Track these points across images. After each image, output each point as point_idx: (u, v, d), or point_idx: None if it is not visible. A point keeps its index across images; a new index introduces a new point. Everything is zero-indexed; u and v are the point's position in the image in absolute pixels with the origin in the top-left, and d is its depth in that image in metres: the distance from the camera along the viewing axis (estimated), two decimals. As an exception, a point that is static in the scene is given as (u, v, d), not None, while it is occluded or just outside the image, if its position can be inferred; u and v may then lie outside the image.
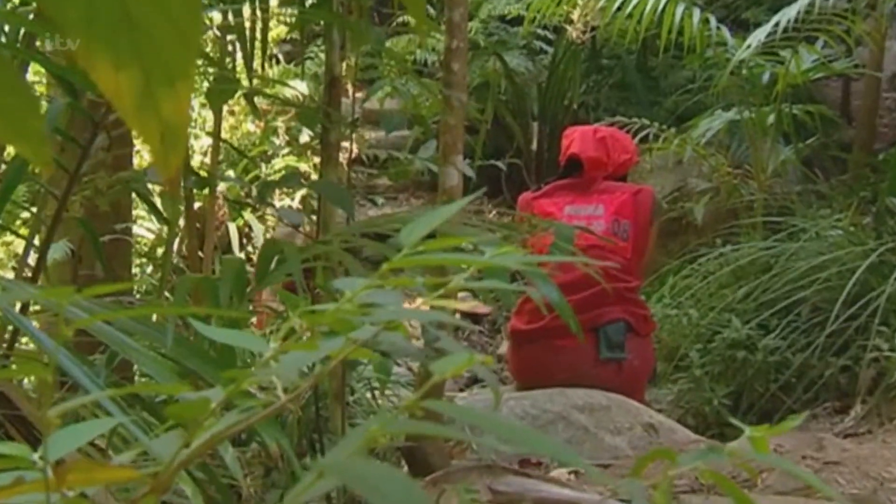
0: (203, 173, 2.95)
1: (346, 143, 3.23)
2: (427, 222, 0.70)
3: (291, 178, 2.66)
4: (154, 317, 1.90)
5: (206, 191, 3.24)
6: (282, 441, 1.31)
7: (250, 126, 7.47)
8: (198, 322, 0.81)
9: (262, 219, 6.78)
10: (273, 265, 1.64)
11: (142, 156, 5.07)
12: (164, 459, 0.68)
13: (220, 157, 6.67)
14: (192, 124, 6.76)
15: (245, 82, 2.87)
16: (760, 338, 4.46)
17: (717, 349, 4.50)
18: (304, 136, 7.55)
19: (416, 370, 4.24)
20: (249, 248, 6.78)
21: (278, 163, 7.25)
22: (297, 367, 0.73)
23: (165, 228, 5.74)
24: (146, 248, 6.21)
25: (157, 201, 3.16)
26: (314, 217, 2.63)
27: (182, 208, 2.77)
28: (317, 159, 4.68)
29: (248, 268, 2.19)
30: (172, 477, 0.67)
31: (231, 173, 6.69)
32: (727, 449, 0.73)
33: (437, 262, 0.68)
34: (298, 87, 7.37)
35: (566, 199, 4.23)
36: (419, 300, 0.83)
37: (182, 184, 2.74)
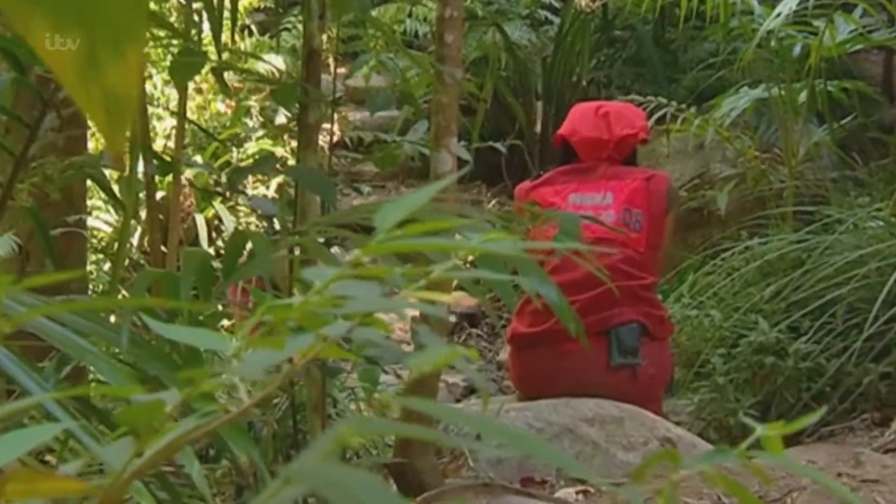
0: (166, 158, 2.95)
1: (326, 125, 3.24)
2: (407, 204, 0.71)
3: (265, 164, 2.66)
4: (113, 318, 1.90)
5: (170, 178, 3.24)
6: (254, 454, 1.31)
7: (220, 106, 7.47)
8: (152, 319, 0.82)
9: (233, 210, 6.78)
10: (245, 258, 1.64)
11: (97, 138, 5.06)
12: (114, 469, 0.68)
13: (186, 140, 6.68)
14: (155, 103, 6.77)
15: (213, 56, 2.87)
16: (791, 342, 4.47)
17: (743, 354, 4.51)
18: (281, 118, 7.56)
19: (406, 378, 4.25)
20: (219, 242, 6.79)
21: (251, 147, 7.25)
22: (261, 366, 0.74)
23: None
24: (104, 243, 6.21)
25: (116, 189, 3.16)
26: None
27: (143, 197, 2.77)
28: (294, 143, 4.68)
29: (219, 264, 2.19)
30: (124, 489, 0.68)
31: (198, 159, 6.69)
32: (739, 450, 0.73)
33: (416, 248, 0.69)
34: (274, 62, 7.38)
35: (570, 187, 4.22)
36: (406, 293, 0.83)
37: (143, 170, 2.75)
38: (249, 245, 1.86)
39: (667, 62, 8.49)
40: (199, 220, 6.71)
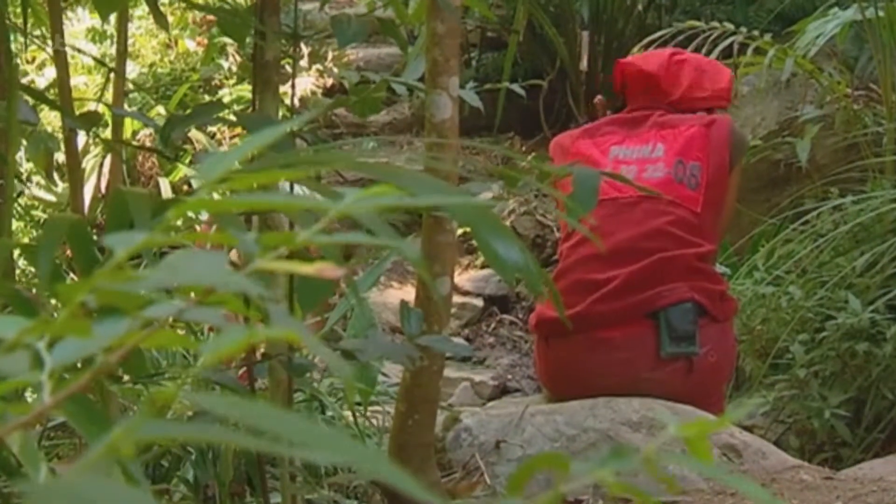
0: (103, 109, 2.95)
1: (318, 66, 3.26)
2: (237, 151, 0.69)
3: (208, 112, 2.65)
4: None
5: (115, 135, 3.23)
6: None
7: (189, 44, 7.48)
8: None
9: (204, 172, 6.79)
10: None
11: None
12: None
13: (147, 84, 6.70)
14: (104, 40, 6.78)
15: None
16: (889, 324, 4.45)
17: (830, 341, 4.49)
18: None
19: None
20: (190, 213, 6.78)
21: (227, 94, 7.25)
22: (66, 358, 0.73)
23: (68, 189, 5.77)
24: (45, 216, 6.24)
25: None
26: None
27: (60, 155, 2.77)
28: (284, 87, 4.67)
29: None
30: None
31: (161, 110, 6.69)
32: (646, 451, 0.72)
33: (248, 207, 0.67)
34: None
35: (613, 139, 4.20)
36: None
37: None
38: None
39: (745, -21, 8.43)
40: (164, 184, 6.73)
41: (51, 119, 5.89)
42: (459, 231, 4.74)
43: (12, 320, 0.75)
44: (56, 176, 5.95)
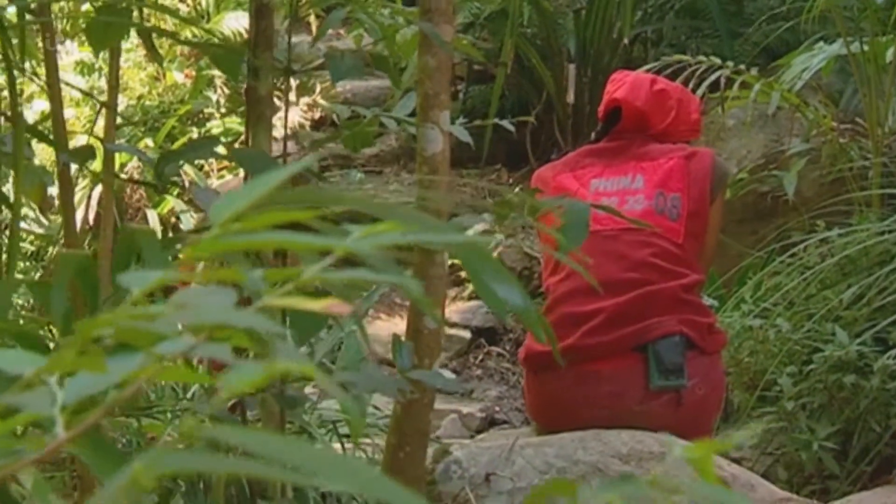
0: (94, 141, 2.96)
1: (306, 99, 3.29)
2: (248, 193, 0.70)
3: (203, 147, 2.66)
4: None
5: (107, 169, 3.23)
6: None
7: (177, 76, 7.49)
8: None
9: (193, 204, 6.80)
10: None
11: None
12: None
13: (136, 118, 6.71)
14: (92, 73, 6.79)
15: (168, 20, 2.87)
16: (877, 356, 4.44)
17: (817, 373, 4.48)
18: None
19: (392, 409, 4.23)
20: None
21: (216, 126, 7.27)
22: (80, 394, 0.74)
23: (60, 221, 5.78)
24: (33, 248, 6.24)
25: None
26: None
27: (53, 188, 2.78)
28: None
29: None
30: None
31: (149, 142, 6.71)
32: (651, 476, 0.73)
33: (257, 246, 0.69)
34: (241, 22, 7.38)
35: (593, 171, 4.21)
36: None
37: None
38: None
39: (730, 13, 8.46)
40: (152, 216, 6.73)
41: (38, 151, 5.89)
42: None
43: (26, 357, 0.76)
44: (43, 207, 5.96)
